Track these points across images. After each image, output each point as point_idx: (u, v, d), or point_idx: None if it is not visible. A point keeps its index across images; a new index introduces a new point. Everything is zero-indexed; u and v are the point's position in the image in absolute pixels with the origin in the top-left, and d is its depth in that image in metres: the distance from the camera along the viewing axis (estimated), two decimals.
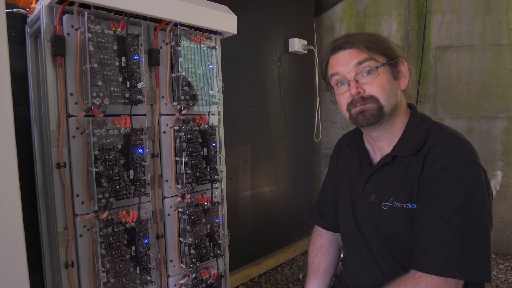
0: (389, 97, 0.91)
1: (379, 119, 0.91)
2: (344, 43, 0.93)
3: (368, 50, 0.90)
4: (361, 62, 0.91)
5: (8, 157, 0.68)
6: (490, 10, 2.60)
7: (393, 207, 0.91)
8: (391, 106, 0.91)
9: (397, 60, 0.94)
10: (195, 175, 1.25)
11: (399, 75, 0.95)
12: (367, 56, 0.90)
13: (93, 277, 1.06)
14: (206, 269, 1.33)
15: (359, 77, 0.91)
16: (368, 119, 0.91)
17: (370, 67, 0.91)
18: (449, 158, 0.84)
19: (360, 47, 0.91)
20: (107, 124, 1.05)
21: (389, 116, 0.93)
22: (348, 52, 0.93)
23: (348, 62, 0.92)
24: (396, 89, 0.94)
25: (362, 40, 0.92)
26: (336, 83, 0.97)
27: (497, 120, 2.65)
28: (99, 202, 1.02)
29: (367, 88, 0.91)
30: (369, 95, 0.90)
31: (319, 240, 1.21)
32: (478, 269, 0.79)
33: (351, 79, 0.92)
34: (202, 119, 1.28)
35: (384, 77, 0.91)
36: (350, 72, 0.92)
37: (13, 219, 0.68)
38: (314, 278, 1.13)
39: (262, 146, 2.39)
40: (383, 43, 0.93)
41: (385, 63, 0.92)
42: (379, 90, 0.90)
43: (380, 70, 0.91)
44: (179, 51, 1.20)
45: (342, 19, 2.90)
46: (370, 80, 0.91)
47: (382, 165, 0.96)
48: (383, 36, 0.96)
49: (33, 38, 1.16)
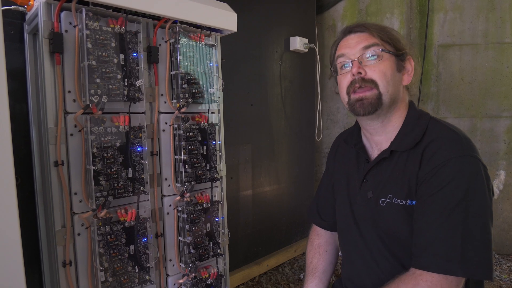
0: (389, 85, 0.91)
1: (376, 108, 0.91)
2: (357, 26, 0.95)
3: (379, 36, 0.92)
4: (368, 46, 0.92)
5: (4, 155, 0.67)
6: (494, 8, 2.58)
7: (391, 204, 0.90)
8: (389, 95, 0.91)
9: (404, 54, 0.94)
10: (194, 174, 1.24)
11: (404, 70, 0.96)
12: (375, 41, 0.92)
13: (91, 276, 1.06)
14: (206, 269, 1.32)
15: (363, 59, 0.92)
16: (365, 107, 0.91)
17: (376, 51, 0.91)
18: (448, 153, 0.83)
19: (372, 32, 0.92)
20: (105, 122, 1.04)
21: (387, 108, 0.92)
22: (359, 35, 0.94)
23: (356, 45, 0.93)
24: (397, 81, 0.93)
25: (375, 27, 0.94)
26: (341, 65, 0.97)
27: (500, 119, 2.62)
28: (97, 200, 1.02)
29: (369, 70, 0.91)
30: (369, 78, 0.91)
31: (317, 240, 1.20)
32: (479, 266, 0.78)
33: (355, 59, 0.92)
34: (202, 117, 1.27)
35: (387, 63, 0.91)
36: (356, 54, 0.93)
37: (10, 218, 0.67)
38: (312, 279, 1.12)
39: (263, 145, 2.38)
40: (394, 36, 0.94)
41: (392, 52, 0.92)
42: (380, 75, 0.90)
43: (385, 55, 0.91)
44: (178, 49, 1.19)
45: (344, 17, 2.88)
46: (373, 64, 0.91)
47: (380, 160, 0.95)
48: (396, 32, 0.97)
49: (31, 36, 1.15)
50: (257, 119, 2.32)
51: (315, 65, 2.71)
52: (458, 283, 0.80)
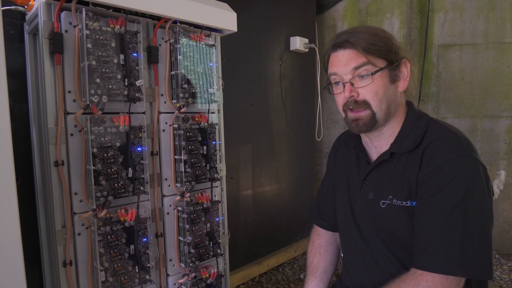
0: (382, 103, 0.90)
1: (371, 127, 0.92)
2: (344, 41, 0.91)
3: (366, 53, 0.88)
4: (358, 67, 0.89)
5: (5, 155, 0.67)
6: (494, 8, 2.58)
7: (392, 205, 0.90)
8: (383, 112, 0.91)
9: (398, 63, 0.92)
10: (194, 174, 1.24)
11: (399, 77, 0.94)
12: (365, 60, 0.89)
13: (92, 275, 1.06)
14: (206, 268, 1.32)
15: (355, 80, 0.91)
16: (360, 127, 0.92)
17: (367, 71, 0.89)
18: (447, 154, 0.83)
19: (359, 49, 0.89)
20: (105, 122, 1.04)
21: (383, 122, 0.93)
22: (347, 52, 0.91)
23: (346, 64, 0.91)
24: (392, 94, 0.93)
25: (363, 40, 0.89)
26: (334, 82, 0.97)
27: (501, 119, 2.62)
28: (97, 200, 1.02)
29: (361, 91, 0.90)
30: (362, 100, 0.90)
31: (318, 240, 1.20)
32: (479, 266, 0.78)
33: (347, 80, 0.91)
34: (202, 117, 1.27)
35: (379, 82, 0.90)
36: (347, 74, 0.91)
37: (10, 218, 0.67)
38: (313, 278, 1.12)
39: (263, 145, 2.38)
40: (385, 44, 0.90)
41: (383, 67, 0.90)
42: (372, 96, 0.90)
43: (376, 76, 0.89)
44: (178, 49, 1.19)
45: (344, 17, 2.88)
46: (365, 85, 0.90)
47: (380, 162, 0.95)
48: (387, 35, 0.93)
49: (31, 36, 1.15)
50: (257, 119, 2.32)
51: (315, 65, 2.71)
52: (458, 283, 0.80)
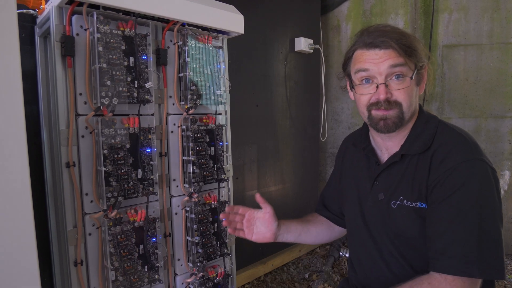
0: (411, 105, 0.91)
1: (399, 126, 0.91)
2: (382, 41, 0.88)
3: (405, 54, 0.87)
4: (395, 65, 0.87)
5: (20, 157, 0.69)
6: (499, 8, 2.57)
7: (402, 206, 0.91)
8: (410, 113, 0.91)
9: (423, 66, 0.92)
10: (202, 174, 1.26)
11: (421, 81, 0.94)
12: (403, 61, 0.87)
13: (102, 275, 1.08)
14: (213, 268, 1.33)
15: (389, 81, 0.89)
16: (390, 127, 0.90)
17: (403, 73, 0.88)
18: (458, 157, 0.84)
19: (397, 49, 0.86)
20: (115, 124, 1.06)
21: (407, 123, 0.93)
22: (385, 52, 0.88)
23: (382, 62, 0.87)
24: (416, 95, 0.93)
25: (398, 40, 0.87)
26: (361, 79, 0.93)
27: (505, 119, 2.62)
28: (107, 201, 1.03)
29: (395, 93, 0.89)
30: (395, 100, 0.89)
31: (319, 217, 1.22)
32: (494, 267, 0.79)
33: (381, 82, 0.88)
34: (209, 119, 1.28)
35: (413, 85, 0.90)
36: (382, 74, 0.88)
37: (25, 219, 0.69)
38: (296, 220, 1.16)
39: (268, 145, 2.39)
40: (416, 48, 0.90)
41: (415, 70, 0.89)
42: (405, 98, 0.89)
43: (409, 74, 0.89)
44: (187, 51, 1.21)
45: (348, 18, 2.88)
46: (400, 87, 0.88)
47: (391, 163, 0.96)
48: (416, 38, 0.92)
49: (42, 39, 1.17)
50: (263, 119, 2.33)
51: (320, 66, 2.71)
52: (476, 284, 0.81)
